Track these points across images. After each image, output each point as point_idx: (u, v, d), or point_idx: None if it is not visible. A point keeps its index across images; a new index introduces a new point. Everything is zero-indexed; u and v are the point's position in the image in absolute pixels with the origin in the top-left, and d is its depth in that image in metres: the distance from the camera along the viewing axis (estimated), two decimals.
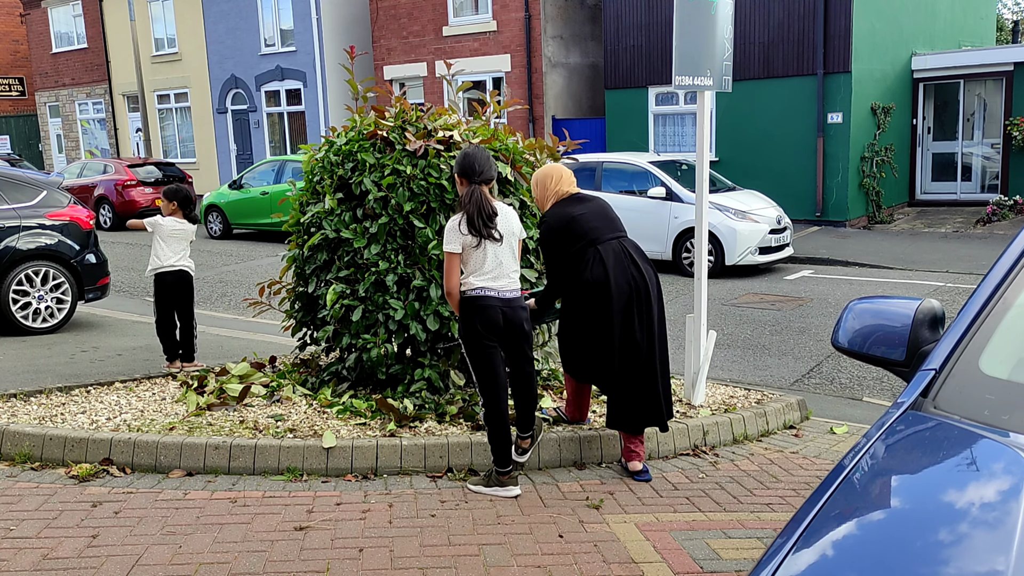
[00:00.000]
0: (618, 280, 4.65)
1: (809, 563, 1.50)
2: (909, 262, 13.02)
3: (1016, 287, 2.10)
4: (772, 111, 16.70)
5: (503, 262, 4.37)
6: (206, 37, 25.43)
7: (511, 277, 4.42)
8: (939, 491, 1.71)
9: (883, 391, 6.96)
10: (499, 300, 4.33)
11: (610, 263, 4.67)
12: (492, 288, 4.33)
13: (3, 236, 8.35)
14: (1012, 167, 17.37)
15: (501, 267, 4.36)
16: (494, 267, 4.33)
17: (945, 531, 1.53)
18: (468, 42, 20.56)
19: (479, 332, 4.34)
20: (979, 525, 1.53)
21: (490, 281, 4.33)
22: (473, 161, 4.35)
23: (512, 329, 4.41)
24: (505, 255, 4.38)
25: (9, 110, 35.16)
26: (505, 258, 4.38)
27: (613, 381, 4.75)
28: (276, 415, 5.37)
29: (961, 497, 1.65)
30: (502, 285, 4.36)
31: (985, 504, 1.59)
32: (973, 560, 1.44)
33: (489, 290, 4.32)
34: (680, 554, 3.84)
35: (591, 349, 4.77)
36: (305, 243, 5.81)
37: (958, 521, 1.56)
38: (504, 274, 4.38)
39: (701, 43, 5.51)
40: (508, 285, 4.39)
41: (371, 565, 3.71)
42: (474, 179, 4.33)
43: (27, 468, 4.83)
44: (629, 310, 4.67)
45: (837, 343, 2.38)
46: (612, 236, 4.79)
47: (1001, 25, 30.85)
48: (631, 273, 4.70)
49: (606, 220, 4.84)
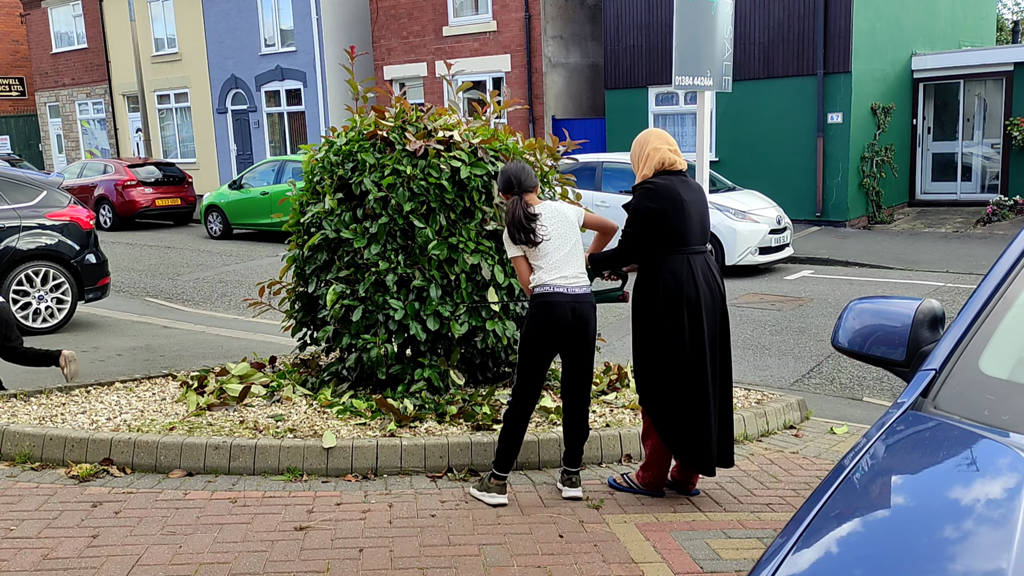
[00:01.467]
0: (706, 301, 4.27)
1: (809, 563, 1.50)
2: (909, 262, 13.02)
3: (1016, 287, 2.10)
4: (772, 111, 16.70)
5: (567, 257, 4.34)
6: (206, 37, 25.44)
7: (577, 272, 4.34)
8: (939, 491, 1.71)
9: (883, 391, 6.96)
10: (567, 296, 4.29)
11: (700, 280, 4.27)
12: (560, 285, 4.29)
13: (3, 236, 8.36)
14: (1012, 167, 17.37)
15: (567, 262, 4.33)
16: (559, 263, 4.32)
17: (945, 531, 1.53)
18: (468, 42, 20.56)
19: (541, 329, 4.31)
20: (979, 525, 1.53)
21: (558, 278, 4.30)
22: (508, 175, 4.45)
23: (578, 328, 4.33)
24: (564, 249, 4.35)
25: (9, 110, 35.17)
26: (567, 253, 4.35)
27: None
28: (276, 415, 5.37)
29: (961, 497, 1.65)
30: (570, 283, 4.31)
31: (985, 504, 1.59)
32: (973, 560, 1.44)
33: (558, 286, 4.29)
34: (680, 554, 3.84)
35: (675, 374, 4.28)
36: (305, 243, 5.81)
37: (958, 521, 1.56)
38: (571, 268, 4.33)
39: (701, 43, 5.52)
40: (576, 282, 4.33)
41: (371, 565, 3.71)
42: (514, 191, 4.42)
43: (27, 468, 4.83)
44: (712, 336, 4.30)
45: (837, 343, 2.38)
46: (703, 249, 4.38)
47: (1001, 25, 30.85)
48: (717, 294, 4.33)
49: (703, 226, 4.38)
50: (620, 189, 13.27)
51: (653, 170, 4.34)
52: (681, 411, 4.27)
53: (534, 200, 4.47)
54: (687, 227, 4.25)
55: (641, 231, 4.28)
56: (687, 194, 4.29)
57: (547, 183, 5.99)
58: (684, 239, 4.26)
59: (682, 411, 4.27)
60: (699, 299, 4.22)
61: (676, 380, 4.26)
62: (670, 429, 4.32)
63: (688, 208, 4.26)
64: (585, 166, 13.18)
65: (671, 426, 4.31)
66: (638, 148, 4.45)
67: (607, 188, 13.26)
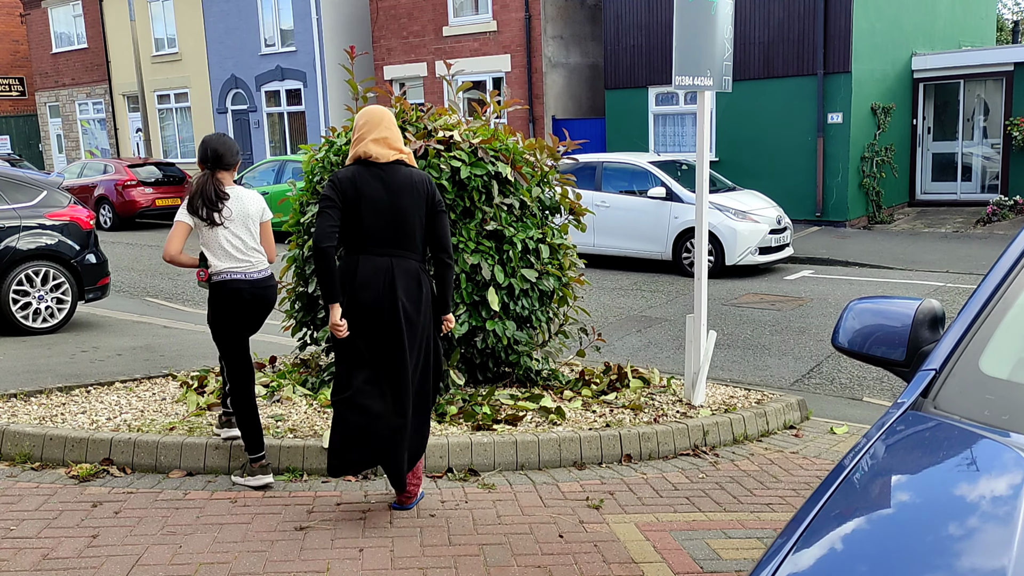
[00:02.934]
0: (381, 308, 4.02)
1: (810, 563, 1.50)
2: (909, 262, 13.02)
3: (1016, 287, 2.10)
4: (772, 111, 16.70)
5: (243, 243, 4.49)
6: (206, 37, 25.44)
7: (252, 258, 4.51)
8: (939, 491, 1.71)
9: (883, 391, 6.96)
10: (245, 282, 4.47)
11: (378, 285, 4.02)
12: (238, 271, 4.46)
13: (3, 236, 8.35)
14: (1012, 167, 17.37)
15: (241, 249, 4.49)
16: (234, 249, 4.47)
17: (945, 531, 1.53)
18: (468, 42, 20.56)
19: (224, 314, 4.51)
20: (980, 525, 1.53)
21: (235, 266, 4.47)
22: (207, 147, 4.51)
23: (260, 310, 4.55)
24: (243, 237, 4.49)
25: (9, 110, 35.16)
26: (245, 239, 4.50)
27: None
28: (276, 415, 5.38)
29: (962, 497, 1.65)
30: (246, 268, 4.49)
31: (986, 504, 1.59)
32: (974, 559, 1.44)
33: (235, 273, 4.46)
34: (680, 554, 3.84)
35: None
36: (305, 243, 5.81)
37: (958, 521, 1.56)
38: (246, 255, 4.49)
39: (701, 43, 5.52)
40: (253, 268, 4.50)
41: (371, 565, 3.71)
42: (208, 165, 4.50)
43: (27, 468, 4.83)
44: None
45: (837, 343, 2.38)
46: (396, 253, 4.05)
47: (1001, 25, 30.85)
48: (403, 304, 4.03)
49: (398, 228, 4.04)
50: (620, 189, 13.28)
51: (353, 159, 4.10)
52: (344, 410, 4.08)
53: (228, 181, 4.52)
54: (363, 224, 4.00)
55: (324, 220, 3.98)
56: (368, 188, 3.98)
57: (547, 183, 6.00)
58: (359, 238, 4.02)
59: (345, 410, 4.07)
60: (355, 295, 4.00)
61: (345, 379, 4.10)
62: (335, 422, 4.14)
63: (365, 204, 3.98)
64: (585, 166, 13.18)
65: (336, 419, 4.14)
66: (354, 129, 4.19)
67: (607, 188, 13.26)
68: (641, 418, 5.48)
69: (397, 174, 4.04)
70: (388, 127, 4.08)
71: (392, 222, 4.01)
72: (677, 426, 5.27)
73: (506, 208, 5.68)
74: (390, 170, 4.03)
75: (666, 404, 5.80)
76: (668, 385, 6.22)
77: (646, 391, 6.11)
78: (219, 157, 4.49)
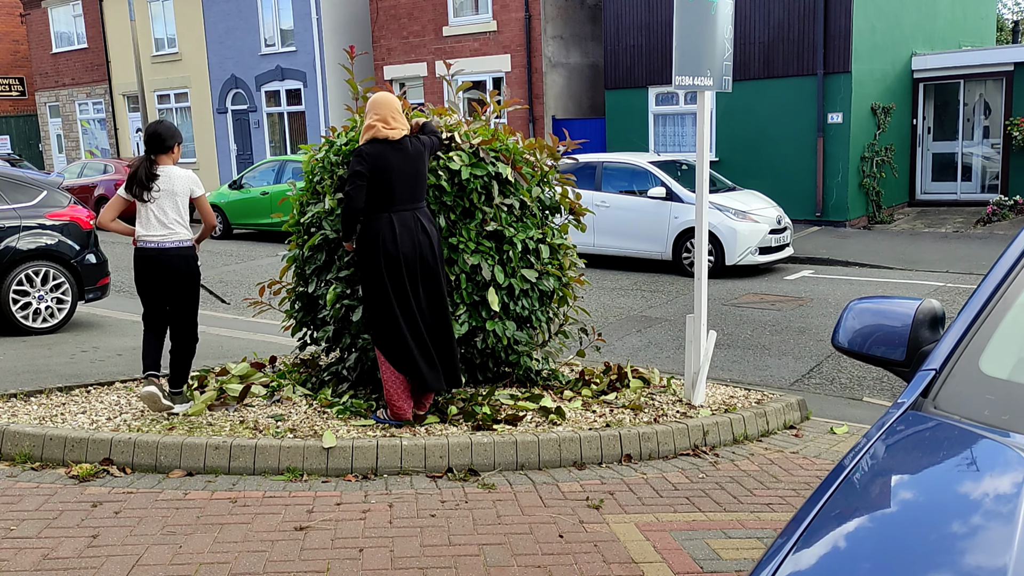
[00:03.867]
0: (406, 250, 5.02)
1: (810, 563, 1.50)
2: (909, 262, 13.02)
3: (1016, 287, 2.10)
4: (772, 111, 16.70)
5: (165, 215, 5.31)
6: (206, 37, 25.44)
7: (171, 228, 5.33)
8: (939, 491, 1.71)
9: (883, 391, 6.96)
10: (156, 249, 5.31)
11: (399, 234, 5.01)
12: (153, 240, 5.30)
13: (3, 236, 8.36)
14: (1012, 167, 17.37)
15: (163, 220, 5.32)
16: (156, 221, 5.30)
17: (946, 531, 1.53)
18: (468, 42, 20.56)
19: (139, 275, 5.43)
20: (980, 525, 1.53)
21: (152, 235, 5.31)
22: (153, 133, 5.35)
23: (168, 274, 5.34)
24: (167, 210, 5.32)
25: (9, 110, 35.16)
26: (168, 211, 5.32)
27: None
28: (276, 415, 5.38)
29: (962, 497, 1.65)
30: (160, 239, 5.31)
31: (985, 504, 1.59)
32: (974, 560, 1.44)
33: (150, 241, 5.30)
34: (680, 554, 3.84)
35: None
36: (305, 243, 5.81)
37: (958, 521, 1.56)
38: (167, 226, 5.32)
39: (701, 43, 5.51)
40: (166, 239, 5.31)
41: (371, 565, 3.71)
42: (148, 149, 5.35)
43: (27, 468, 4.83)
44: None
45: (837, 343, 2.38)
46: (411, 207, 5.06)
47: (1001, 25, 30.85)
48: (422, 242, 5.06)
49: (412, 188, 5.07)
50: (620, 189, 13.28)
51: (369, 139, 5.01)
52: (398, 342, 5.05)
53: (165, 162, 5.37)
54: (391, 190, 4.97)
55: (355, 187, 4.96)
56: (393, 160, 4.97)
57: (547, 183, 6.00)
58: (389, 200, 4.98)
59: (398, 341, 5.04)
60: (398, 250, 4.95)
61: (390, 317, 5.03)
62: (395, 357, 5.09)
63: (393, 174, 4.96)
64: (585, 166, 13.18)
65: (394, 355, 5.08)
66: (365, 115, 5.15)
67: (607, 188, 13.27)
68: (641, 418, 5.48)
69: (408, 145, 5.05)
70: (395, 112, 5.07)
71: (411, 185, 5.04)
72: (677, 426, 5.27)
73: (506, 208, 5.67)
74: (402, 143, 5.03)
75: (666, 404, 5.80)
76: (668, 385, 6.22)
77: (646, 391, 6.11)
78: (158, 141, 5.33)
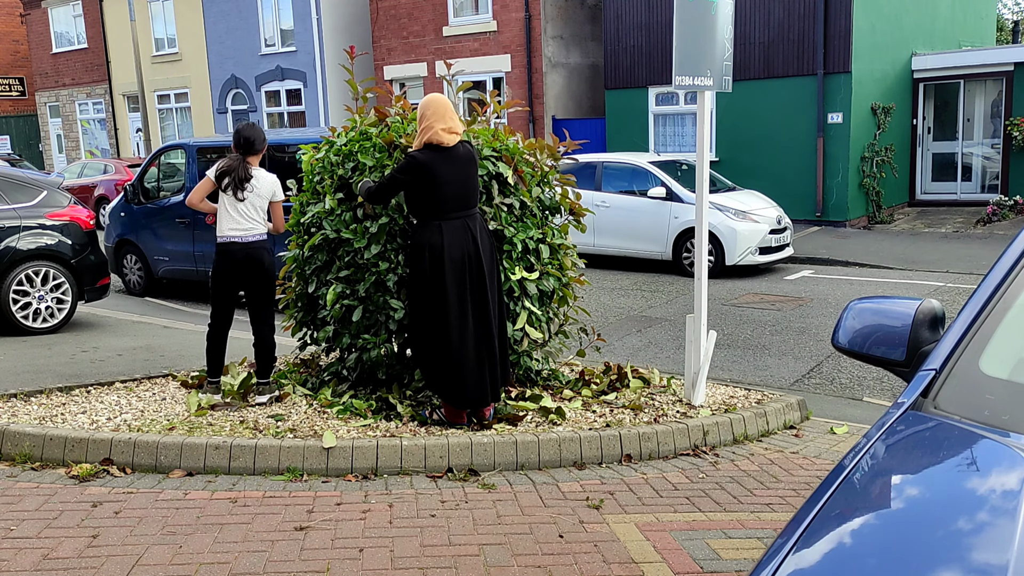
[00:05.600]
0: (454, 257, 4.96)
1: (810, 563, 1.50)
2: (909, 262, 13.02)
3: (1016, 287, 2.10)
4: (772, 111, 16.70)
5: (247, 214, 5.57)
6: (206, 37, 25.43)
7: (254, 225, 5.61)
8: (939, 491, 1.71)
9: (883, 391, 6.96)
10: (241, 244, 5.55)
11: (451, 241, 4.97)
12: (236, 235, 5.54)
13: (3, 236, 8.36)
14: (1012, 167, 17.37)
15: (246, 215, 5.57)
16: (240, 215, 5.56)
17: (945, 531, 1.53)
18: (468, 42, 20.56)
19: (219, 268, 5.63)
20: (979, 525, 1.53)
21: (236, 229, 5.55)
22: (241, 136, 5.61)
23: (252, 267, 5.58)
24: (249, 210, 5.58)
25: (9, 110, 35.16)
26: (249, 212, 5.58)
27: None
28: (276, 415, 5.38)
29: (962, 497, 1.65)
30: (244, 234, 5.56)
31: (985, 504, 1.60)
32: (974, 559, 1.44)
33: (233, 237, 5.54)
34: (680, 554, 3.84)
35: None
36: (305, 243, 5.81)
37: (958, 521, 1.56)
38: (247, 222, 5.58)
39: (701, 43, 5.51)
40: (248, 234, 5.57)
41: (371, 565, 3.71)
42: (241, 151, 5.60)
43: (27, 468, 4.82)
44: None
45: (837, 343, 2.38)
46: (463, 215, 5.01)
47: (1001, 25, 30.85)
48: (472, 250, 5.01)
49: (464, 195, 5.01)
50: (620, 189, 13.28)
51: (423, 145, 4.95)
52: (437, 355, 5.01)
53: (254, 163, 5.65)
54: (441, 198, 4.92)
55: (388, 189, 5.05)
56: (443, 170, 4.89)
57: (547, 183, 5.99)
58: (439, 208, 4.93)
59: (438, 355, 5.00)
60: (444, 258, 4.89)
61: (432, 328, 5.00)
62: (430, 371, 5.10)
63: (442, 182, 4.89)
64: (585, 166, 13.18)
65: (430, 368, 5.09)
66: (420, 117, 5.04)
67: (607, 188, 13.27)
68: (641, 418, 5.48)
69: (460, 152, 4.99)
70: (452, 116, 5.00)
71: (463, 191, 4.97)
72: (677, 426, 5.27)
73: (506, 208, 5.67)
74: (455, 150, 4.96)
75: (666, 404, 5.80)
76: (668, 385, 6.22)
77: (646, 391, 6.11)
78: (249, 145, 5.59)
